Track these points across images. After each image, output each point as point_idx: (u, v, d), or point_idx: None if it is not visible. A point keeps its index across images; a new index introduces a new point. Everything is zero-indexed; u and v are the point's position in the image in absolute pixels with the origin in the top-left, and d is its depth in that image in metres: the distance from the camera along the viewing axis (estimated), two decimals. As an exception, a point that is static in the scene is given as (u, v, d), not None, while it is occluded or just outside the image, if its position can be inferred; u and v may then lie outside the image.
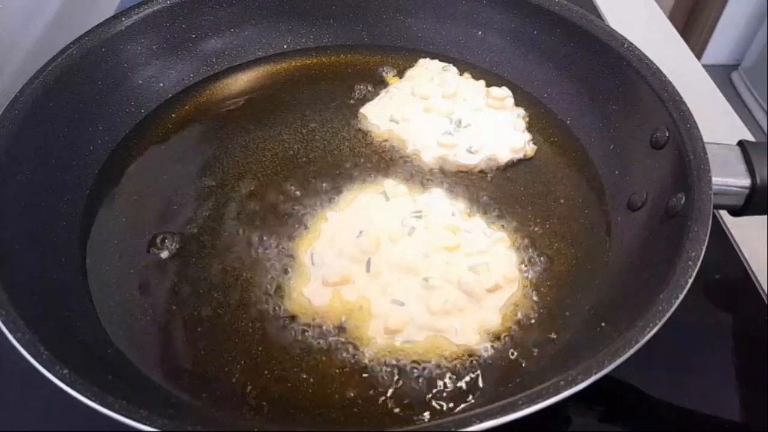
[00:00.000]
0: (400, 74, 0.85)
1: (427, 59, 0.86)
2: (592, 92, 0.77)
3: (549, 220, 0.69)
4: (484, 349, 0.57)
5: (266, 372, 0.56)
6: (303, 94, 0.84)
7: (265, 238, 0.66)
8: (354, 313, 0.59)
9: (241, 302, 0.61)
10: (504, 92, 0.80)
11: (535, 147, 0.76)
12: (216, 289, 0.62)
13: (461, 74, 0.84)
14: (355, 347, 0.57)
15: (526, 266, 0.64)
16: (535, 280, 0.63)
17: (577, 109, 0.79)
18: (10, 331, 0.48)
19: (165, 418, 0.43)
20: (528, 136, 0.77)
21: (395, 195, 0.69)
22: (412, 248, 0.63)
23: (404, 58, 0.88)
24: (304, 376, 0.56)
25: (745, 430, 0.59)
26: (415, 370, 0.56)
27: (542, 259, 0.65)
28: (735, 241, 0.74)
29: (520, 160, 0.75)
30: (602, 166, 0.74)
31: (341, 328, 0.58)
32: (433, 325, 0.58)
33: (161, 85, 0.83)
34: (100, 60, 0.75)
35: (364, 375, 0.56)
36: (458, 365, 0.56)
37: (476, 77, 0.84)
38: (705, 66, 1.03)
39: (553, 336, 0.59)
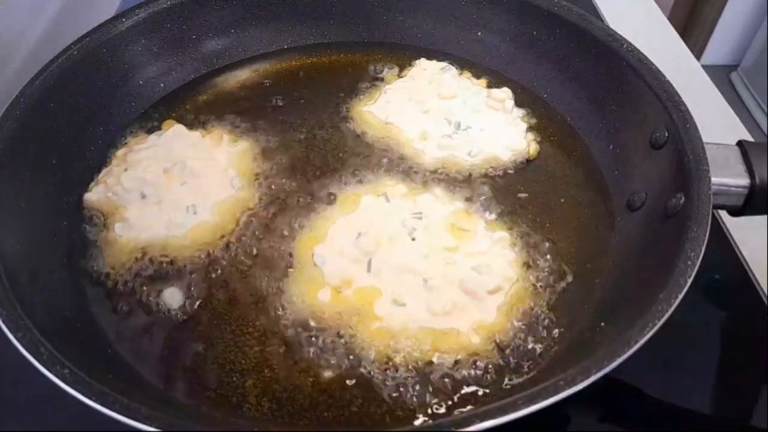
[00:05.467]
0: (400, 74, 0.85)
1: (426, 60, 0.86)
2: (591, 92, 0.77)
3: (549, 220, 0.69)
4: (485, 349, 0.57)
5: (266, 371, 0.56)
6: (303, 92, 0.84)
7: (263, 238, 0.66)
8: (355, 314, 0.59)
9: (242, 302, 0.61)
10: (504, 93, 0.80)
11: (537, 147, 0.76)
12: (216, 290, 0.63)
13: (461, 74, 0.84)
14: (356, 348, 0.57)
15: (526, 266, 0.64)
16: (535, 279, 0.63)
17: (576, 109, 0.79)
18: (11, 331, 0.48)
19: (165, 418, 0.43)
20: (529, 136, 0.77)
21: (395, 196, 0.69)
22: (412, 249, 0.63)
23: (404, 58, 0.88)
24: (305, 376, 0.56)
25: (745, 430, 0.59)
26: (415, 370, 0.56)
27: (542, 258, 0.65)
28: (735, 241, 0.74)
29: (520, 160, 0.75)
30: (602, 166, 0.74)
31: (342, 329, 0.58)
32: (434, 326, 0.58)
33: (162, 85, 0.83)
34: (100, 61, 0.76)
35: (365, 375, 0.56)
36: (459, 365, 0.56)
37: (477, 76, 0.84)
38: (704, 66, 1.03)
39: (553, 336, 0.59)
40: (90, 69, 0.74)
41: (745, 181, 0.60)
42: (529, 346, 0.58)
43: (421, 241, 0.64)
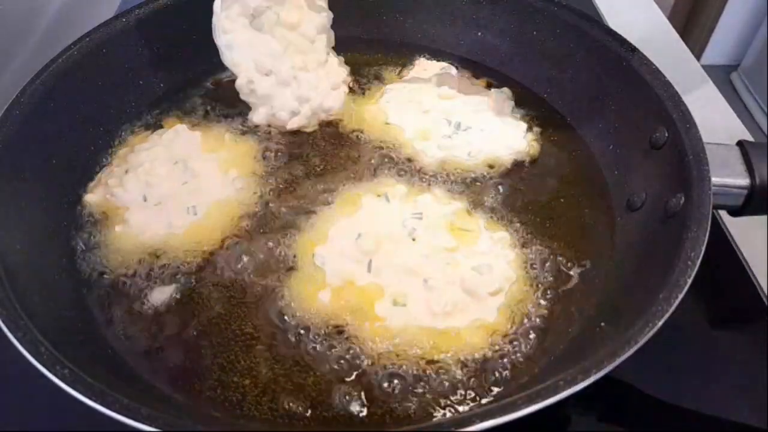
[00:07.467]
0: (400, 74, 0.86)
1: (426, 60, 0.86)
2: (591, 92, 0.77)
3: (550, 220, 0.69)
4: (485, 348, 0.57)
5: (266, 371, 0.56)
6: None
7: (264, 238, 0.66)
8: (355, 314, 0.59)
9: (242, 302, 0.61)
10: (504, 94, 0.80)
11: (537, 147, 0.76)
12: (217, 290, 0.63)
13: (461, 74, 0.84)
14: (357, 348, 0.57)
15: (526, 266, 0.64)
16: (535, 279, 0.63)
17: (577, 109, 0.79)
18: (11, 331, 0.48)
19: (165, 418, 0.43)
20: (529, 136, 0.77)
21: (395, 196, 0.69)
22: (412, 249, 0.63)
23: (404, 58, 0.88)
24: (305, 376, 0.56)
25: (746, 430, 0.59)
26: (416, 371, 0.56)
27: (543, 258, 0.65)
28: (734, 241, 0.74)
29: (520, 160, 0.75)
30: (602, 166, 0.74)
31: (342, 329, 0.58)
32: (435, 326, 0.58)
33: (162, 85, 0.83)
34: (100, 60, 0.76)
35: (365, 375, 0.56)
36: (459, 365, 0.56)
37: (476, 76, 0.85)
38: (705, 66, 1.03)
39: (553, 335, 0.59)
40: (90, 69, 0.74)
41: (745, 181, 0.60)
42: (529, 346, 0.58)
43: (422, 242, 0.64)
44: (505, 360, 0.57)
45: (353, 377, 0.56)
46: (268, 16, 0.75)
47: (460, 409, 0.54)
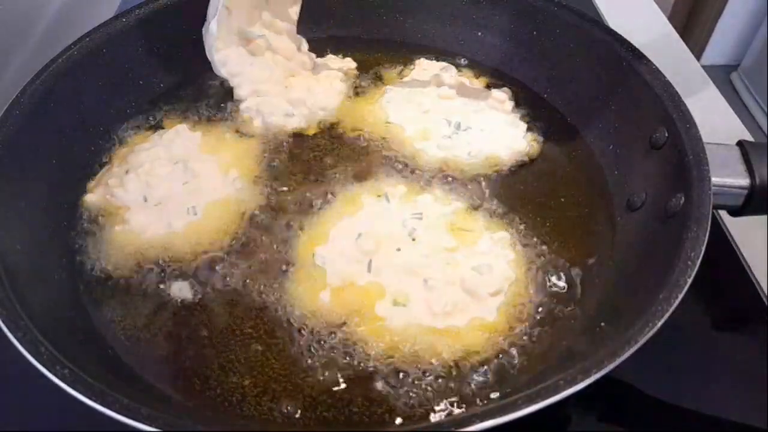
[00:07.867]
0: (400, 74, 0.86)
1: (426, 60, 0.86)
2: (591, 92, 0.77)
3: (550, 220, 0.69)
4: (485, 348, 0.57)
5: (266, 371, 0.56)
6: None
7: (264, 238, 0.67)
8: (356, 314, 0.59)
9: (242, 302, 0.61)
10: (504, 94, 0.80)
11: (537, 147, 0.76)
12: (216, 290, 0.62)
13: (461, 74, 0.84)
14: (357, 348, 0.57)
15: (526, 266, 0.64)
16: (535, 279, 0.63)
17: (577, 109, 0.79)
18: (11, 331, 0.48)
19: (165, 418, 0.43)
20: (529, 136, 0.77)
21: (395, 196, 0.69)
22: (412, 249, 0.63)
23: (403, 58, 0.88)
24: (305, 376, 0.56)
25: (745, 430, 0.59)
26: (416, 371, 0.56)
27: (542, 258, 0.65)
28: (734, 241, 0.74)
29: (520, 160, 0.75)
30: (602, 165, 0.74)
31: (343, 329, 0.58)
32: (435, 326, 0.58)
33: (162, 85, 0.83)
34: (100, 60, 0.76)
35: (365, 375, 0.56)
36: (459, 365, 0.56)
37: (476, 76, 0.85)
38: (705, 66, 1.03)
39: (553, 335, 0.59)
40: (90, 69, 0.74)
41: (745, 181, 0.60)
42: (529, 346, 0.58)
43: (422, 242, 0.64)
44: (505, 359, 0.57)
45: (353, 377, 0.56)
46: (260, 42, 0.77)
47: (460, 408, 0.54)
